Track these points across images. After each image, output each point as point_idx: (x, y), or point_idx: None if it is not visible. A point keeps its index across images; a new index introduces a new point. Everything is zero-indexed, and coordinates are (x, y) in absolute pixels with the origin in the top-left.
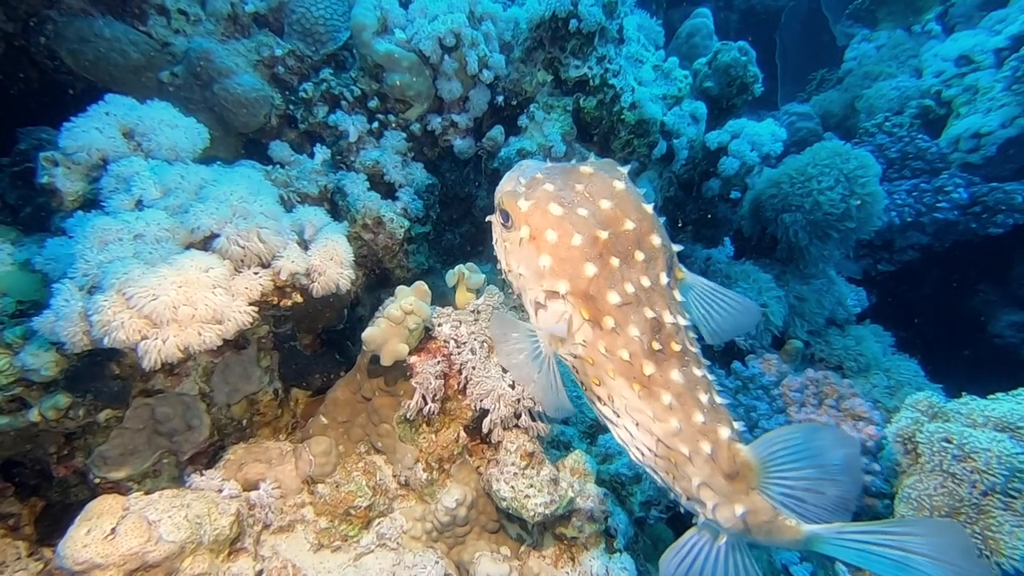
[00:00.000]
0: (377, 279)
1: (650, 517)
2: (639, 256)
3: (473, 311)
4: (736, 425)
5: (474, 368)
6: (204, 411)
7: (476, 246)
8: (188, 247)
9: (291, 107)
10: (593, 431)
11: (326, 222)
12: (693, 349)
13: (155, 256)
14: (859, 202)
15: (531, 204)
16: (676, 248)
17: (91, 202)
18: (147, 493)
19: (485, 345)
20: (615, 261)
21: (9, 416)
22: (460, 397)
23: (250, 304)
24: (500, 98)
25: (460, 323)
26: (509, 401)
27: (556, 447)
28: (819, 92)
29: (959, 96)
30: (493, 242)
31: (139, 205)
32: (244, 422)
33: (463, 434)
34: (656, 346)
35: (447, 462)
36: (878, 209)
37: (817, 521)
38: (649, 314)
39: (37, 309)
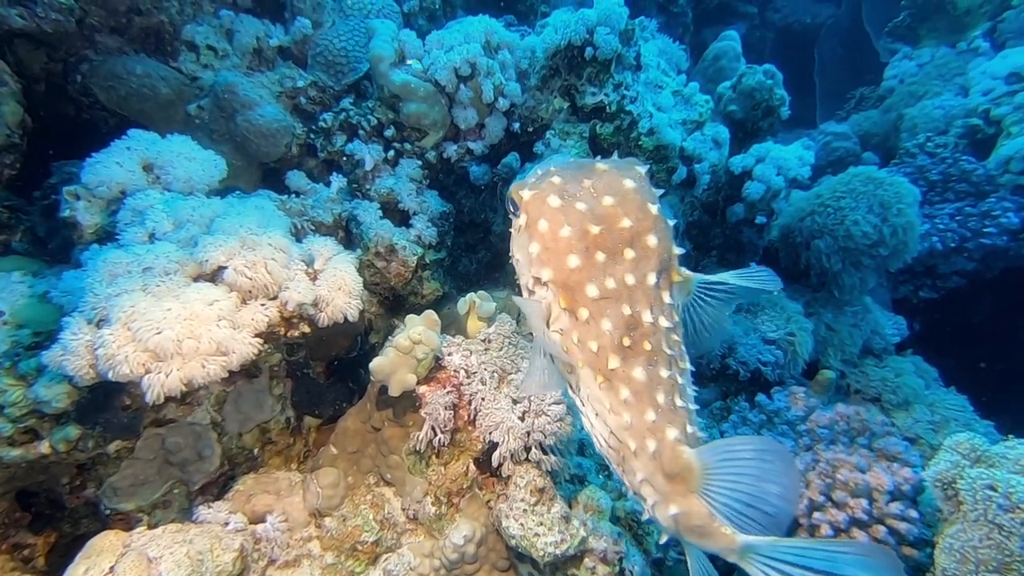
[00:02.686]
0: (391, 306)
1: (668, 559)
2: (628, 254)
3: (484, 340)
4: (690, 429)
5: (483, 399)
6: (215, 440)
7: (493, 271)
8: (197, 279)
9: (312, 136)
10: None
11: (336, 251)
12: (667, 351)
13: (163, 289)
14: (892, 230)
15: (533, 194)
16: (678, 251)
17: (110, 234)
18: (157, 524)
19: (496, 375)
20: (601, 256)
21: (22, 448)
22: (470, 428)
23: (256, 335)
24: (517, 125)
25: (471, 352)
26: (519, 434)
27: (572, 481)
28: (859, 110)
29: (1010, 115)
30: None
31: (152, 238)
32: (256, 451)
33: (473, 467)
34: (626, 342)
35: (456, 496)
36: (914, 237)
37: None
38: (626, 311)
39: (52, 341)
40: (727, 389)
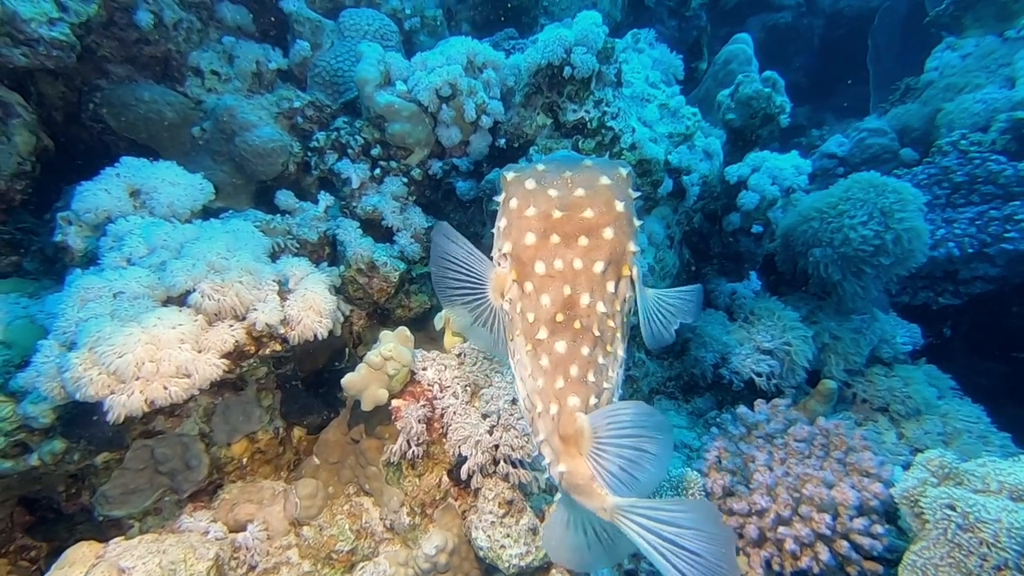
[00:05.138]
0: (379, 319)
1: (640, 570)
2: (582, 241)
3: (459, 355)
4: (594, 401)
5: (455, 413)
6: (203, 451)
7: None
8: (166, 303)
9: (309, 155)
10: None
11: (309, 271)
12: (595, 333)
13: (130, 313)
14: (895, 237)
15: (514, 176)
16: (634, 249)
17: (96, 258)
18: (148, 530)
19: (468, 389)
20: (556, 238)
21: (12, 460)
22: (444, 441)
23: (223, 356)
24: (502, 141)
25: (445, 367)
26: (486, 447)
27: (548, 492)
28: (903, 102)
29: None
30: None
31: (129, 262)
32: (244, 460)
33: (447, 479)
34: (559, 318)
35: (430, 507)
36: (919, 244)
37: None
38: (566, 291)
39: (27, 363)
40: (722, 399)
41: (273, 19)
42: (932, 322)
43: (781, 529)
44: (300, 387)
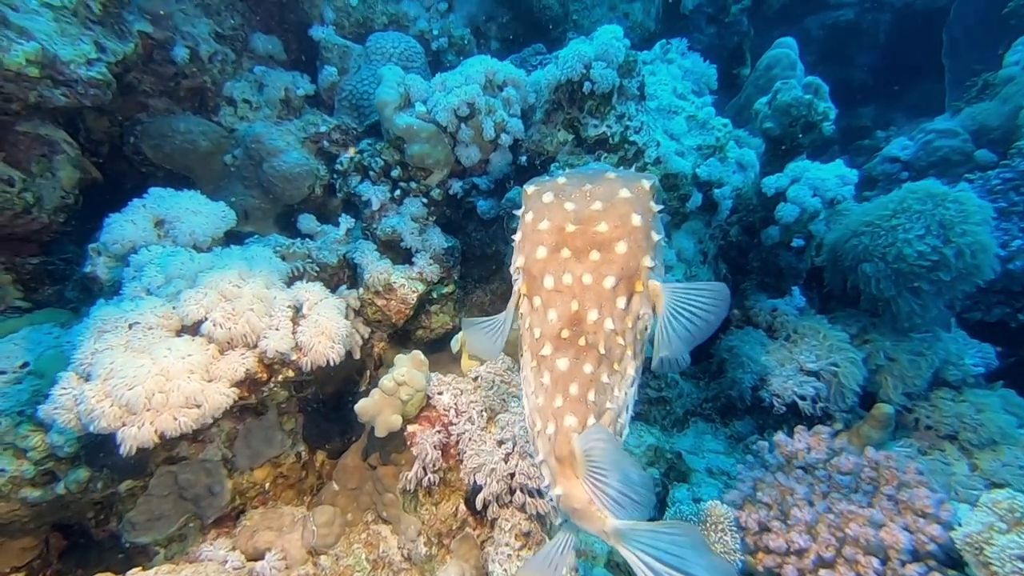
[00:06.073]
0: (400, 340)
1: None
2: (593, 256)
3: (475, 378)
4: (591, 422)
5: (470, 440)
6: (226, 476)
7: (506, 302)
8: (180, 332)
9: (334, 177)
10: None
11: (323, 297)
12: (601, 351)
13: (143, 344)
14: (957, 252)
15: (534, 189)
16: (649, 264)
17: (120, 288)
18: (173, 556)
19: (484, 415)
20: (566, 253)
21: (42, 489)
22: (460, 468)
23: (233, 384)
24: (523, 159)
25: (460, 392)
26: (502, 476)
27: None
28: (981, 100)
29: None
30: None
31: (148, 292)
32: (267, 485)
33: (463, 507)
34: (565, 334)
35: (447, 536)
36: (986, 259)
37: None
38: (574, 306)
39: (46, 395)
40: (763, 423)
41: (303, 46)
42: (1012, 341)
43: (823, 572)
44: (322, 411)
